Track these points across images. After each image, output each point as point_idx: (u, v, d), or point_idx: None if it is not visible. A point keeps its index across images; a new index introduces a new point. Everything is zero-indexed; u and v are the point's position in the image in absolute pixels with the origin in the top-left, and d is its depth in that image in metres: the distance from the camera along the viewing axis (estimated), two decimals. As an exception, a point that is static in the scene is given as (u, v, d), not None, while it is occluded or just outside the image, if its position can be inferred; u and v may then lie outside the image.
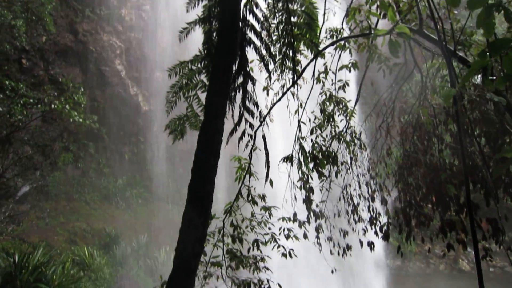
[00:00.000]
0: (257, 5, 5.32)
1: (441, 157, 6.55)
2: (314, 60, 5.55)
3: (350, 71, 6.64)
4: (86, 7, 18.30)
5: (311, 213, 6.58)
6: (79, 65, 18.20)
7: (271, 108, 5.70)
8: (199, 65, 5.36)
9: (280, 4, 5.69)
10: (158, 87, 18.80)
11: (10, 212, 15.71)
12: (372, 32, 5.64)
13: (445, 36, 4.30)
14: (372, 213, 7.14)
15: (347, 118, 6.71)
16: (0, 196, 15.42)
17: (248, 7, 5.22)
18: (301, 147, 5.89)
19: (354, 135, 6.71)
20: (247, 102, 5.09)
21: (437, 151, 6.73)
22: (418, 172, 6.89)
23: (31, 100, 13.88)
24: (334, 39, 6.75)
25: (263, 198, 5.98)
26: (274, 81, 6.05)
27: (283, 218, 6.32)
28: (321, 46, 6.15)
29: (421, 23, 4.62)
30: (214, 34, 5.13)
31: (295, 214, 6.43)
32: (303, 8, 5.55)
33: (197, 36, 5.71)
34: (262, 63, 5.56)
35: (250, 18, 5.26)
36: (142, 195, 19.57)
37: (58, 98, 14.17)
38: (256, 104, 5.26)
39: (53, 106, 13.47)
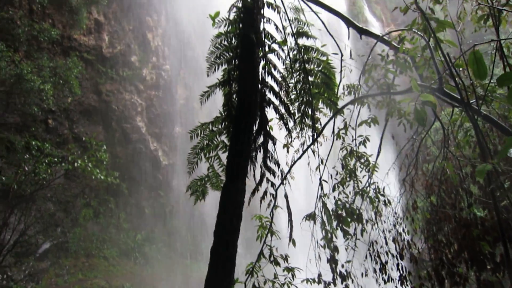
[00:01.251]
0: (275, 67, 5.47)
1: (472, 211, 6.28)
2: (334, 118, 5.56)
3: (370, 126, 6.62)
4: (110, 69, 19.27)
5: (337, 274, 6.27)
6: (102, 123, 18.83)
7: (291, 166, 5.66)
8: (219, 126, 5.45)
9: (297, 65, 5.84)
10: (177, 142, 19.16)
11: (30, 270, 15.62)
12: (391, 89, 5.69)
13: (466, 93, 4.27)
14: (401, 271, 6.76)
15: (370, 173, 6.58)
16: (21, 253, 15.42)
17: (266, 69, 5.37)
18: (324, 205, 5.74)
19: (377, 190, 6.54)
20: (268, 161, 5.07)
21: (467, 205, 6.47)
22: (448, 228, 6.58)
23: (56, 159, 14.25)
24: (352, 95, 6.81)
25: (285, 258, 5.75)
26: (294, 138, 6.06)
27: (307, 280, 6.03)
28: (340, 103, 6.20)
29: (441, 81, 4.62)
30: (234, 96, 5.25)
31: (320, 275, 6.13)
32: (320, 68, 5.67)
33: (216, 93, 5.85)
34: (282, 121, 5.61)
35: (268, 79, 5.38)
36: (161, 250, 19.28)
37: (81, 156, 14.51)
38: (277, 163, 5.23)
39: (76, 164, 13.77)
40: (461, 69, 5.39)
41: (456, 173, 6.29)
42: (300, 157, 5.69)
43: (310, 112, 5.75)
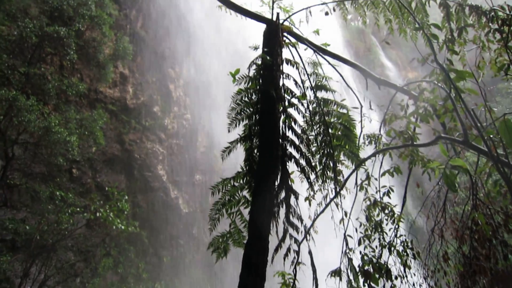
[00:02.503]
0: (295, 121, 5.51)
1: (508, 263, 5.94)
2: (356, 171, 5.49)
3: (392, 176, 6.49)
4: (133, 119, 19.90)
5: (367, 334, 5.89)
6: (124, 172, 19.15)
7: (314, 220, 5.54)
8: (241, 181, 5.44)
9: (317, 117, 5.89)
10: (197, 190, 19.19)
11: (49, 322, 15.33)
12: (413, 139, 5.62)
13: (494, 144, 4.17)
14: (436, 331, 6.32)
15: (395, 224, 6.36)
16: (40, 305, 15.23)
17: (286, 123, 5.42)
18: (350, 261, 5.53)
19: (405, 244, 6.27)
20: (290, 217, 4.98)
21: (502, 256, 6.12)
22: (484, 281, 6.20)
23: (78, 209, 14.43)
24: (373, 144, 6.76)
25: (311, 317, 5.48)
26: (316, 191, 5.97)
27: None
28: (361, 153, 6.14)
29: (466, 133, 4.55)
30: (255, 150, 5.28)
31: (348, 336, 5.79)
32: (340, 120, 5.69)
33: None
34: (303, 175, 5.56)
35: (289, 133, 5.42)
36: (180, 301, 18.76)
37: (103, 206, 14.65)
38: (300, 218, 5.13)
39: (98, 214, 13.89)
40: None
41: (488, 223, 6.01)
42: (323, 211, 5.57)
43: (331, 165, 5.70)
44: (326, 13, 6.28)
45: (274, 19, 5.80)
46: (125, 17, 19.82)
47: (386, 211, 6.55)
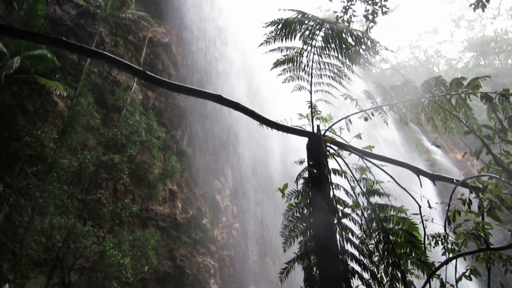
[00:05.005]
0: (352, 232, 5.24)
1: None
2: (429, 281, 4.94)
3: (471, 279, 5.77)
4: (183, 233, 19.99)
5: None
6: (176, 290, 18.61)
7: None
8: (303, 305, 5.02)
9: (374, 224, 5.58)
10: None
11: None
12: (488, 244, 5.11)
13: None
14: None
15: None
16: None
17: (343, 235, 5.15)
18: None
19: None
20: None
21: None
22: None
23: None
24: (440, 245, 6.19)
25: None
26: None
27: None
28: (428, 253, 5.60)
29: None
30: (314, 268, 4.96)
31: None
32: (400, 226, 5.34)
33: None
34: (369, 289, 5.07)
35: (347, 246, 5.11)
36: None
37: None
38: None
39: None
40: None
41: None
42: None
43: (399, 275, 5.19)
44: (365, 119, 6.39)
45: (315, 131, 5.94)
46: (172, 138, 21.31)
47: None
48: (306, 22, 5.16)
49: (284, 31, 5.31)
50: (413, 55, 69.78)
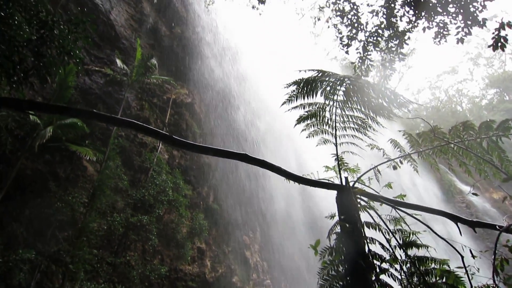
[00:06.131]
0: (392, 289, 4.94)
1: None
2: None
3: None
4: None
5: None
6: None
7: None
8: None
9: (415, 279, 5.25)
10: None
11: None
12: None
13: None
14: None
15: None
16: None
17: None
18: None
19: None
20: None
21: None
22: None
23: None
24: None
25: None
26: None
27: None
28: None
29: None
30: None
31: None
32: (444, 280, 5.01)
33: None
34: None
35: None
36: None
37: None
38: None
39: None
40: None
41: None
42: None
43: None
44: (394, 168, 6.26)
45: (343, 183, 5.84)
46: (198, 195, 21.36)
47: None
48: (327, 79, 5.28)
49: (305, 89, 5.43)
50: (434, 95, 69.57)
